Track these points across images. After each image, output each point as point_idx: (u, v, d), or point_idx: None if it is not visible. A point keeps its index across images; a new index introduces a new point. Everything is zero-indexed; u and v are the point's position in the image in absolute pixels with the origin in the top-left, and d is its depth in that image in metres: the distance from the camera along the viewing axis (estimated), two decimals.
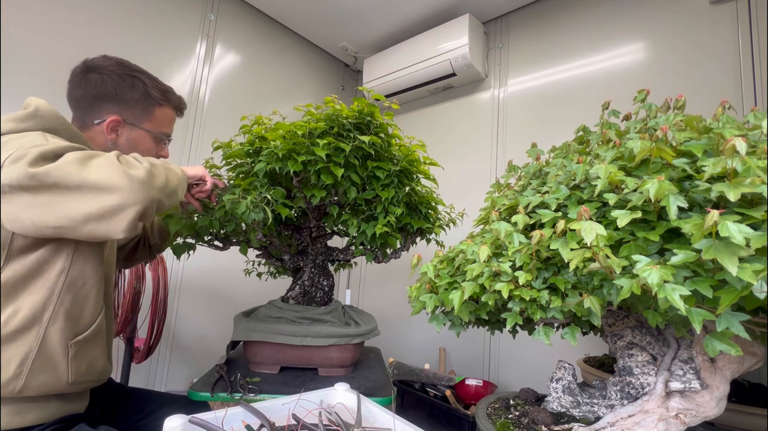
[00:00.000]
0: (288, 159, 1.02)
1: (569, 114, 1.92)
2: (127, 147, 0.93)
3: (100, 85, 0.89)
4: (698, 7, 1.62)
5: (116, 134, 0.91)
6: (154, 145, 0.99)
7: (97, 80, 0.89)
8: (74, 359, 0.79)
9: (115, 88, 0.90)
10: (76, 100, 0.90)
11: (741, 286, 0.47)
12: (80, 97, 0.90)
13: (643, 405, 0.72)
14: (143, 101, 0.94)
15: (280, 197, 1.06)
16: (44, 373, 0.75)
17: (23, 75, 1.53)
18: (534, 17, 2.15)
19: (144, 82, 0.94)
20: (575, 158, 0.78)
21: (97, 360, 0.86)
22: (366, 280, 2.69)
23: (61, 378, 0.78)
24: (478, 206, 1.02)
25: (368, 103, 1.11)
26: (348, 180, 1.10)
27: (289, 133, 1.04)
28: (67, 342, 0.78)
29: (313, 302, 1.27)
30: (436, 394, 1.73)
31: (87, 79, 0.89)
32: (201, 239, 1.14)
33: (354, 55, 2.77)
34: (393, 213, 1.13)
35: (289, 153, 1.03)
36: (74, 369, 0.79)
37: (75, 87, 0.90)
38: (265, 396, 0.97)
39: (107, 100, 0.90)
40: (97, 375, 0.87)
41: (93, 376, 0.85)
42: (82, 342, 0.80)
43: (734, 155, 0.51)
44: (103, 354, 0.88)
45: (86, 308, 0.81)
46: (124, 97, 0.91)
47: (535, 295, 0.64)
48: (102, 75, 0.90)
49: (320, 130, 1.06)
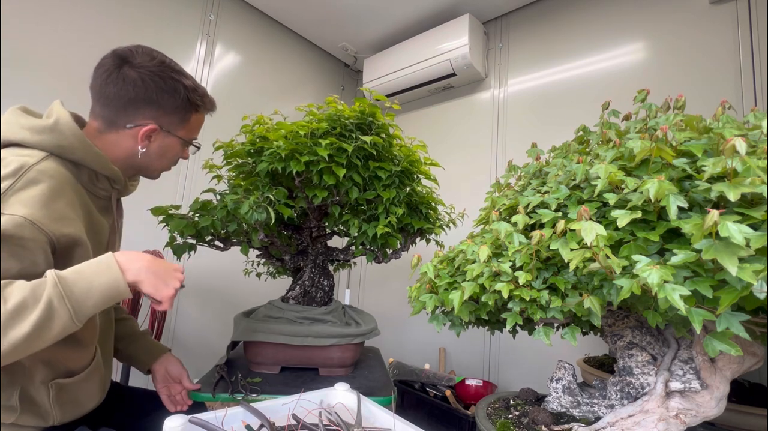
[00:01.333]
0: (291, 159, 1.02)
1: (569, 114, 1.92)
2: (156, 153, 0.88)
3: (140, 88, 0.80)
4: (698, 7, 1.62)
5: (149, 141, 0.85)
6: (182, 150, 0.94)
7: (135, 80, 0.79)
8: (56, 400, 0.77)
9: (156, 93, 0.81)
10: (107, 98, 0.80)
11: (741, 286, 0.47)
12: (113, 96, 0.80)
13: (643, 405, 0.72)
14: (183, 108, 0.86)
15: (282, 198, 1.06)
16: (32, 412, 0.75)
17: (22, 75, 1.53)
18: (534, 17, 2.15)
19: (185, 86, 0.85)
20: (575, 158, 0.78)
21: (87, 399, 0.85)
22: (366, 280, 2.69)
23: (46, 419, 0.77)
24: (478, 206, 1.02)
25: (370, 103, 1.11)
26: (350, 180, 1.10)
27: (291, 133, 1.04)
28: (47, 382, 0.76)
29: (314, 302, 1.27)
30: (436, 394, 1.73)
31: (123, 77, 0.79)
32: (202, 239, 1.14)
33: (354, 55, 2.77)
34: (394, 213, 1.14)
35: (291, 153, 1.03)
36: (58, 410, 0.78)
37: (107, 83, 0.79)
38: (266, 396, 0.97)
39: (146, 104, 0.81)
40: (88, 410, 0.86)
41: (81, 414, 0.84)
42: (63, 384, 0.79)
43: (734, 155, 0.51)
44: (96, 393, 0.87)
45: (69, 356, 0.79)
46: (165, 103, 0.83)
47: (535, 295, 0.64)
48: (142, 75, 0.80)
49: (322, 130, 1.06)
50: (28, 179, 0.67)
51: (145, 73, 0.80)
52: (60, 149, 0.74)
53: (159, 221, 1.12)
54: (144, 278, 0.71)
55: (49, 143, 0.73)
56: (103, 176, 0.82)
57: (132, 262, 0.72)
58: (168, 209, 1.12)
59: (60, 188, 0.71)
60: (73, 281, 0.65)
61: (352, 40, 2.62)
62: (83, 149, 0.76)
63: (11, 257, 0.63)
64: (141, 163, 0.88)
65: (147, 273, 0.72)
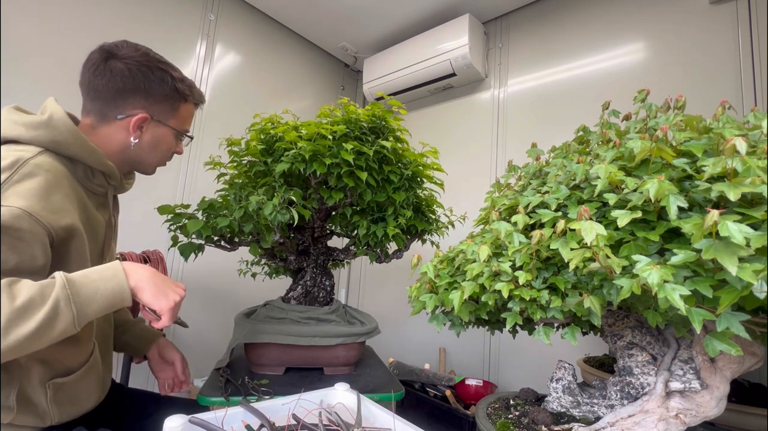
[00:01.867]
0: (313, 161, 1.02)
1: (569, 114, 1.92)
2: (149, 145, 0.88)
3: (127, 78, 0.81)
4: (698, 7, 1.62)
5: (141, 131, 0.85)
6: (175, 142, 0.94)
7: (123, 71, 0.80)
8: (54, 400, 0.77)
9: (144, 82, 0.82)
10: (96, 91, 0.81)
11: (741, 286, 0.47)
12: (102, 89, 0.81)
13: (643, 405, 0.72)
14: (171, 97, 0.87)
15: (299, 199, 1.07)
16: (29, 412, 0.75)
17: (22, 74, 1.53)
18: (534, 17, 2.15)
19: (172, 76, 0.87)
20: (575, 158, 0.78)
21: (86, 399, 0.84)
22: (366, 280, 2.69)
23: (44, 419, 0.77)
24: (478, 205, 1.02)
25: (382, 106, 1.13)
26: (365, 183, 1.11)
27: (314, 134, 1.04)
28: (44, 382, 0.76)
29: (316, 302, 1.27)
30: (436, 394, 1.73)
31: (110, 69, 0.80)
32: (210, 240, 1.13)
33: (354, 55, 2.77)
34: (403, 215, 1.16)
35: (314, 155, 1.03)
36: (56, 410, 0.78)
37: (95, 76, 0.81)
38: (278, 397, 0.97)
39: (134, 94, 0.82)
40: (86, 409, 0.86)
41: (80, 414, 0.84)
42: (61, 384, 0.78)
43: (734, 154, 0.51)
44: (94, 392, 0.86)
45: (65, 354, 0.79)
46: (153, 92, 0.84)
47: (535, 295, 0.64)
48: (129, 66, 0.81)
49: (341, 132, 1.06)
50: (24, 173, 0.67)
51: (132, 63, 0.82)
52: (55, 145, 0.74)
53: (165, 220, 1.11)
54: (145, 286, 0.72)
55: (44, 139, 0.73)
56: (98, 171, 0.82)
57: (135, 270, 0.73)
58: (175, 208, 1.11)
59: (56, 181, 0.71)
60: (81, 285, 0.65)
61: (352, 40, 2.62)
62: (78, 144, 0.76)
63: (9, 249, 0.63)
64: (134, 156, 0.88)
65: (148, 283, 0.73)
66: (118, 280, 0.69)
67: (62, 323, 0.63)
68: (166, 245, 1.19)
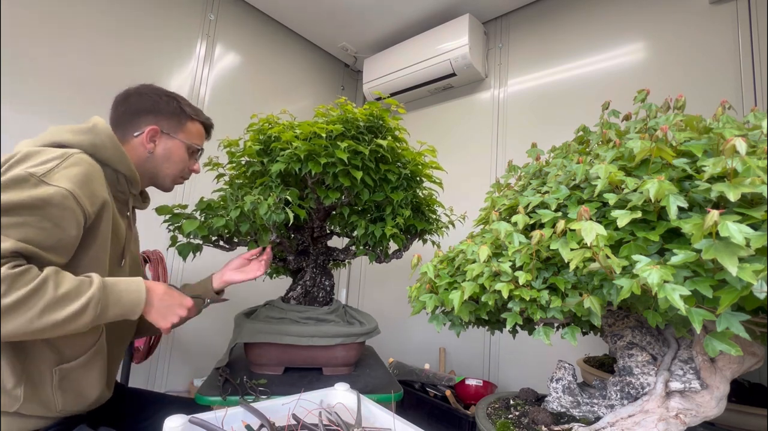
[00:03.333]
0: (309, 160, 1.02)
1: (569, 114, 1.92)
2: (163, 156, 0.98)
3: (140, 102, 0.97)
4: (698, 7, 1.62)
5: (154, 143, 0.97)
6: (188, 157, 1.03)
7: (137, 99, 0.97)
8: (59, 387, 0.79)
9: (153, 104, 0.98)
10: (118, 118, 0.96)
11: (741, 286, 0.47)
12: (122, 114, 0.96)
13: (643, 405, 0.72)
14: (178, 114, 1.00)
15: (295, 198, 1.07)
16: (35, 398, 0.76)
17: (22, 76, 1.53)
18: (534, 17, 2.15)
19: (178, 100, 1.01)
20: (575, 158, 0.78)
21: (90, 389, 0.85)
22: (366, 280, 2.69)
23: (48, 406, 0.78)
24: (478, 205, 1.02)
25: (379, 106, 1.12)
26: (362, 183, 1.11)
27: (309, 134, 1.04)
28: (51, 368, 0.78)
29: (316, 302, 1.27)
30: (436, 394, 1.73)
31: (128, 99, 0.98)
32: (207, 240, 1.13)
33: (354, 55, 2.77)
34: (401, 215, 1.15)
35: (309, 154, 1.03)
36: (60, 397, 0.79)
37: (117, 107, 0.97)
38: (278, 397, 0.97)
39: (146, 113, 0.97)
40: (89, 405, 0.86)
41: (83, 406, 0.85)
42: (67, 370, 0.80)
43: (734, 155, 0.51)
44: (98, 382, 0.87)
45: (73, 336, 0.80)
46: (161, 110, 0.98)
47: (535, 295, 0.64)
48: (141, 93, 0.98)
49: (337, 132, 1.06)
50: (71, 161, 0.76)
51: (144, 91, 0.99)
52: (94, 148, 0.84)
53: (164, 220, 1.11)
54: (155, 304, 0.83)
55: (86, 142, 0.83)
56: (122, 175, 0.90)
57: (154, 287, 0.84)
58: (173, 208, 1.11)
59: (96, 174, 0.81)
60: (110, 291, 0.74)
61: (351, 40, 2.62)
62: (112, 146, 0.87)
63: (56, 226, 0.70)
64: (151, 168, 0.98)
65: (159, 302, 0.84)
66: (139, 295, 0.79)
67: (84, 319, 0.70)
68: (166, 246, 1.20)
